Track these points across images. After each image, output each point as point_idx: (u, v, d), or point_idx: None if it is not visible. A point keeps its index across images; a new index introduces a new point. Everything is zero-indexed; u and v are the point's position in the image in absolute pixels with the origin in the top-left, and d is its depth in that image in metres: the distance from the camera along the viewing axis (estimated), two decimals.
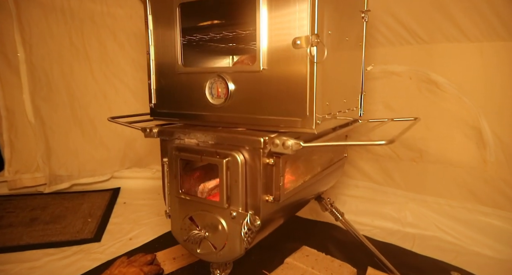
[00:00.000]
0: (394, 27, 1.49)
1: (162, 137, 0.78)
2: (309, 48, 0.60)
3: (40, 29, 1.87)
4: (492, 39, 1.34)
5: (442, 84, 1.48)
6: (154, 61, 0.81)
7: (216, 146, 0.69)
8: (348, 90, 0.84)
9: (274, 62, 0.65)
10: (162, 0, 0.76)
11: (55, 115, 1.93)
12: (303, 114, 0.63)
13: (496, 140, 1.39)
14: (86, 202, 1.83)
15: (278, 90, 0.65)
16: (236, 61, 0.80)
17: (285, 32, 0.63)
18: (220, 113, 0.73)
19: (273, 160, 0.65)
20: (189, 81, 0.76)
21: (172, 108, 0.81)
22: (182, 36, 0.78)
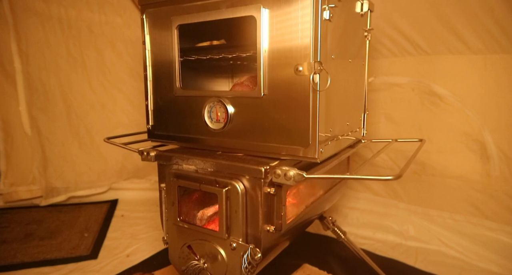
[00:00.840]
0: (396, 39, 1.47)
1: (160, 162, 0.75)
2: (312, 75, 0.57)
3: (37, 38, 1.84)
4: (496, 51, 1.32)
5: (445, 97, 1.46)
6: (152, 82, 0.79)
7: (216, 174, 0.66)
8: (351, 111, 0.82)
9: (275, 88, 0.63)
10: (160, 20, 0.74)
11: (52, 126, 1.90)
12: (305, 143, 0.61)
13: (500, 154, 1.36)
14: (83, 215, 1.80)
15: (280, 117, 0.63)
16: (236, 83, 0.78)
17: (287, 57, 0.60)
18: (219, 138, 0.71)
19: (275, 190, 0.63)
20: (188, 104, 0.74)
21: (170, 131, 0.78)
22: (180, 56, 0.75)
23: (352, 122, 0.82)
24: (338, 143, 0.72)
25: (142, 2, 0.78)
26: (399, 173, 0.54)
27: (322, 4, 0.58)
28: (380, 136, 1.67)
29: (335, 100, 0.67)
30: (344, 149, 0.80)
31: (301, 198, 0.77)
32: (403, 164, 1.64)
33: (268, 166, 0.61)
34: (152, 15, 0.76)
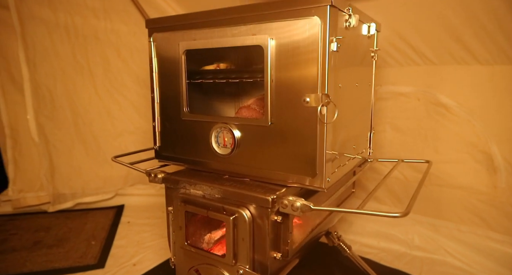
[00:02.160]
0: (402, 48, 1.46)
1: (167, 184, 0.76)
2: (319, 107, 0.57)
3: (44, 47, 1.86)
4: (503, 62, 1.31)
5: (451, 107, 1.45)
6: (159, 104, 0.79)
7: (223, 200, 0.67)
8: (358, 133, 0.82)
9: (283, 117, 0.63)
10: (167, 45, 0.74)
11: (59, 133, 1.92)
12: (312, 173, 0.61)
13: (507, 165, 1.35)
14: (90, 222, 1.82)
15: (287, 146, 0.63)
16: (243, 106, 0.78)
17: (295, 88, 0.60)
18: (226, 162, 0.71)
19: (281, 218, 0.63)
20: (195, 127, 0.74)
21: (177, 153, 0.79)
22: (187, 78, 0.76)
23: (359, 144, 0.82)
24: (345, 167, 0.72)
25: (149, 26, 0.79)
26: (406, 210, 0.54)
27: (330, 36, 0.58)
28: (386, 146, 1.67)
29: (342, 127, 0.68)
30: (351, 170, 0.80)
31: (308, 219, 0.78)
32: (409, 173, 1.64)
33: (275, 195, 0.62)
34: (159, 39, 0.77)
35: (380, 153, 1.69)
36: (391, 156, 1.63)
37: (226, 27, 0.66)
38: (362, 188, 1.74)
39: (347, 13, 0.63)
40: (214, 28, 0.68)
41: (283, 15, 0.60)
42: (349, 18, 0.63)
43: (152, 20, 0.79)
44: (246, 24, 0.64)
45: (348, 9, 0.62)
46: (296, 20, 0.59)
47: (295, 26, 0.59)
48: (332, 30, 0.58)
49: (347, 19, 0.63)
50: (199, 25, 0.70)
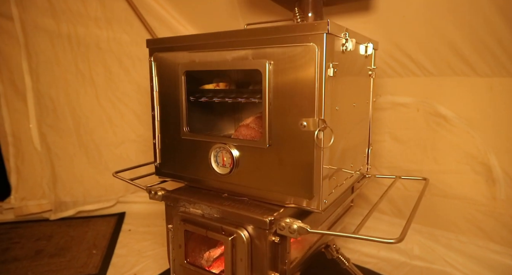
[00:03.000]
0: (401, 59, 1.47)
1: (167, 202, 0.77)
2: (316, 131, 0.58)
3: (46, 56, 1.88)
4: (502, 75, 1.32)
5: (450, 118, 1.46)
6: (159, 122, 0.81)
7: (222, 220, 0.68)
8: (355, 151, 0.83)
9: (280, 139, 0.64)
10: (167, 65, 0.75)
11: (61, 142, 1.94)
12: (309, 195, 0.62)
13: (506, 178, 1.36)
14: (91, 230, 1.83)
15: (284, 168, 0.64)
16: (242, 124, 0.79)
17: (293, 111, 0.62)
18: (225, 181, 0.73)
19: (279, 238, 0.64)
20: (194, 146, 0.76)
21: (177, 170, 0.80)
22: (187, 96, 0.77)
23: (356, 161, 0.83)
24: (342, 187, 0.73)
25: (150, 46, 0.80)
26: (400, 236, 0.55)
27: (326, 62, 0.59)
28: (386, 156, 1.68)
29: (339, 149, 0.69)
30: (349, 187, 0.81)
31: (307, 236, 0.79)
32: (408, 183, 1.65)
33: (273, 216, 0.63)
34: (160, 59, 0.78)
35: (379, 162, 1.70)
36: (391, 166, 1.64)
37: (226, 50, 0.68)
38: (360, 196, 1.75)
39: (344, 37, 0.64)
40: (213, 50, 0.70)
41: (281, 40, 0.62)
42: (345, 43, 0.64)
43: (153, 40, 0.81)
44: (245, 48, 0.65)
45: (345, 34, 0.64)
46: (293, 46, 0.60)
47: (293, 52, 0.61)
48: (328, 56, 0.59)
49: (344, 43, 0.64)
50: (198, 47, 0.72)
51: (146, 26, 1.94)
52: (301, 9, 1.01)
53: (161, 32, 1.96)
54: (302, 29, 0.59)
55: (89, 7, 1.90)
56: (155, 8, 1.92)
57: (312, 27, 0.58)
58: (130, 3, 1.87)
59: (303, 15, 0.96)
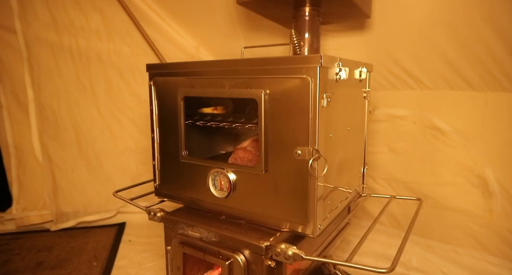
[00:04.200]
0: (398, 73, 1.49)
1: (166, 224, 0.79)
2: (310, 161, 0.60)
3: (48, 68, 1.91)
4: (496, 89, 1.34)
5: (446, 131, 1.48)
6: (159, 144, 0.83)
7: (219, 244, 0.70)
8: (350, 172, 0.85)
9: (276, 166, 0.66)
10: (167, 89, 0.78)
11: (62, 153, 1.96)
12: (304, 221, 0.64)
13: (502, 191, 1.37)
14: (92, 241, 1.85)
15: (280, 194, 0.66)
16: (239, 147, 0.81)
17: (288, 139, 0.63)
18: (223, 204, 0.74)
19: (275, 263, 0.66)
20: (193, 169, 0.77)
21: (176, 192, 0.82)
22: (185, 119, 0.79)
23: (352, 182, 0.85)
24: (337, 209, 0.75)
25: (150, 70, 0.82)
26: (391, 266, 0.56)
27: (320, 93, 0.61)
28: (383, 167, 1.69)
29: (334, 173, 0.70)
30: (344, 208, 0.83)
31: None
32: (405, 194, 1.66)
33: (269, 242, 0.64)
34: (159, 83, 0.80)
35: (377, 173, 1.72)
36: (388, 177, 1.65)
37: (223, 77, 0.70)
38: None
39: (337, 67, 0.66)
40: (211, 77, 0.72)
41: (276, 71, 0.64)
42: (339, 72, 0.66)
43: (153, 65, 0.83)
44: (242, 77, 0.67)
45: (338, 63, 0.66)
46: (288, 77, 0.62)
47: (288, 83, 0.63)
48: (322, 87, 0.61)
49: (338, 73, 0.66)
50: (197, 74, 0.74)
51: (146, 38, 1.97)
52: (298, 29, 1.03)
53: (161, 44, 1.99)
54: (296, 62, 0.61)
55: (90, 20, 1.93)
56: (156, 20, 1.95)
57: (306, 60, 0.60)
58: (131, 15, 1.90)
59: (300, 37, 0.99)
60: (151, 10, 1.93)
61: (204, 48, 2.00)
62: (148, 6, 1.93)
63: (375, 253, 1.68)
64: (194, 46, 1.98)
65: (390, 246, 1.66)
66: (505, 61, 1.23)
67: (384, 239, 1.70)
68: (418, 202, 0.91)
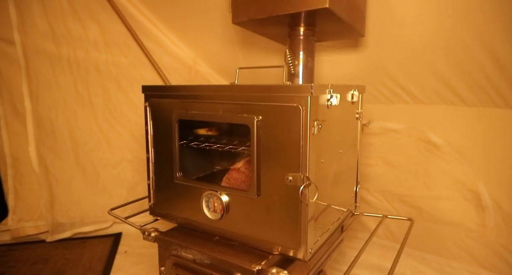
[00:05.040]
0: (392, 88, 1.51)
1: (160, 244, 0.80)
2: (301, 187, 0.61)
3: (46, 79, 1.92)
4: (489, 105, 1.36)
5: (440, 146, 1.50)
6: (153, 164, 0.84)
7: (212, 267, 0.70)
8: (343, 192, 0.86)
9: (268, 191, 0.67)
10: (161, 111, 0.79)
11: (59, 164, 1.96)
12: (295, 246, 0.65)
13: (495, 205, 1.39)
14: (87, 252, 1.84)
15: (272, 218, 0.67)
16: (233, 168, 0.82)
17: (280, 164, 0.65)
18: (216, 225, 0.75)
19: None
20: (187, 190, 0.78)
21: (170, 211, 0.83)
22: (180, 140, 0.80)
23: (344, 201, 0.86)
24: (329, 231, 0.76)
25: (145, 91, 0.84)
26: None
27: (311, 121, 0.62)
28: (378, 179, 1.71)
29: (325, 196, 0.72)
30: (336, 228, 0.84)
31: None
32: (400, 207, 1.67)
33: (261, 266, 0.65)
34: (154, 104, 0.81)
35: (372, 186, 1.73)
36: (383, 190, 1.67)
37: (217, 102, 0.71)
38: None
39: (329, 93, 0.67)
40: (206, 101, 0.73)
41: (269, 98, 0.65)
42: (330, 98, 0.68)
43: (148, 87, 0.85)
44: (235, 103, 0.69)
45: (330, 90, 0.67)
46: (280, 105, 0.64)
47: (280, 110, 0.64)
48: (313, 115, 0.63)
49: (329, 99, 0.68)
50: (192, 97, 0.75)
51: (143, 50, 1.98)
52: (293, 48, 1.05)
53: (158, 55, 2.01)
54: (288, 90, 0.63)
55: (88, 31, 1.95)
56: (153, 31, 1.97)
57: (298, 89, 0.62)
58: (128, 27, 1.92)
59: (294, 57, 1.01)
60: (149, 21, 1.95)
61: (201, 60, 2.02)
62: (146, 18, 1.95)
63: (370, 265, 1.68)
64: (191, 58, 2.00)
65: (385, 258, 1.66)
66: (497, 78, 1.26)
67: (379, 252, 1.71)
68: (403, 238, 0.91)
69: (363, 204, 1.78)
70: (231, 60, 1.88)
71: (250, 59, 1.79)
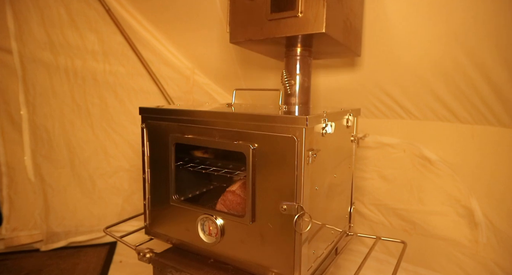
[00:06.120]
0: (388, 103, 1.53)
1: (155, 266, 0.80)
2: (295, 217, 0.62)
3: (44, 89, 1.92)
4: (482, 123, 1.38)
5: (434, 161, 1.51)
6: (149, 184, 0.84)
7: None
8: (337, 214, 0.87)
9: (263, 217, 0.68)
10: (158, 133, 0.80)
11: (55, 173, 1.96)
12: (289, 272, 0.66)
13: (487, 222, 1.40)
14: (82, 262, 1.83)
15: (266, 244, 0.68)
16: (229, 190, 0.83)
17: (274, 192, 0.66)
18: (211, 248, 0.76)
19: None
20: (183, 212, 0.79)
21: (166, 232, 0.83)
22: (176, 161, 0.81)
23: (338, 223, 0.87)
24: (323, 256, 0.77)
25: (143, 113, 0.84)
26: None
27: (306, 151, 0.63)
28: (373, 193, 1.72)
29: (320, 220, 0.72)
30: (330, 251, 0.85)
31: None
32: (394, 221, 1.68)
33: None
34: (151, 126, 0.82)
35: (368, 199, 1.75)
36: (378, 203, 1.68)
37: (213, 128, 0.72)
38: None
39: (324, 122, 0.69)
40: (202, 126, 0.74)
41: (264, 128, 0.66)
42: (325, 127, 0.69)
43: (146, 109, 0.85)
44: (231, 129, 0.70)
45: (325, 119, 0.68)
46: (275, 134, 0.65)
47: (275, 139, 0.65)
48: (308, 145, 0.64)
49: (324, 127, 0.69)
50: (189, 121, 0.76)
51: (141, 60, 1.99)
52: (289, 68, 1.07)
53: (156, 65, 2.02)
54: (283, 121, 0.64)
55: (86, 41, 1.95)
56: (151, 41, 1.98)
57: (293, 120, 0.63)
58: (126, 36, 1.93)
59: (290, 78, 1.02)
60: (147, 32, 1.96)
61: (199, 70, 2.03)
62: (144, 28, 1.96)
63: None
64: (189, 68, 2.01)
65: (379, 271, 1.67)
66: (489, 97, 1.28)
67: (373, 264, 1.72)
68: (397, 260, 0.92)
69: (358, 216, 1.79)
70: (229, 70, 1.90)
71: (247, 69, 1.81)
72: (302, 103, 1.02)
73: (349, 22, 1.00)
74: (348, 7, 0.96)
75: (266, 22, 0.89)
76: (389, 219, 1.70)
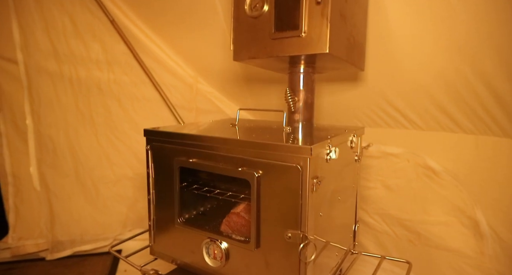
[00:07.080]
0: (391, 113, 1.53)
1: None
2: (300, 246, 0.62)
3: (48, 98, 1.94)
4: (486, 133, 1.37)
5: (439, 172, 1.50)
6: (154, 205, 0.85)
7: None
8: (342, 233, 0.87)
9: (267, 244, 0.68)
10: (163, 156, 0.80)
11: (60, 182, 1.97)
12: None
13: (493, 233, 1.40)
14: (87, 271, 1.85)
15: (271, 271, 0.68)
16: (233, 212, 0.83)
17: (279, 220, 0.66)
18: (216, 272, 0.76)
19: None
20: (187, 234, 0.79)
21: (170, 253, 0.84)
22: (180, 182, 0.81)
23: (342, 241, 0.87)
24: None
25: (147, 135, 0.85)
26: None
27: (310, 179, 0.63)
28: (378, 202, 1.72)
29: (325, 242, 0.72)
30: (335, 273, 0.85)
31: None
32: (399, 231, 1.68)
33: None
34: (156, 149, 0.83)
35: (372, 208, 1.74)
36: (382, 213, 1.68)
37: (218, 153, 0.72)
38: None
39: (328, 149, 0.69)
40: (207, 151, 0.74)
41: (269, 156, 0.66)
42: (329, 153, 0.69)
43: (151, 131, 0.86)
44: (236, 155, 0.70)
45: (329, 145, 0.69)
46: (280, 163, 0.65)
47: (279, 168, 0.65)
48: (312, 173, 0.64)
49: (328, 153, 0.69)
50: (193, 145, 0.76)
51: (144, 69, 2.00)
52: (293, 84, 1.07)
53: (159, 73, 2.03)
54: (287, 150, 0.64)
55: (91, 50, 1.97)
56: (154, 50, 1.99)
57: (297, 150, 0.63)
58: (129, 45, 1.93)
59: (293, 95, 1.02)
60: (150, 41, 1.97)
61: (203, 79, 2.04)
62: (148, 37, 1.97)
63: None
64: (192, 76, 2.02)
65: None
66: (493, 107, 1.27)
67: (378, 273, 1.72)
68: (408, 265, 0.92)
69: (363, 225, 1.79)
70: (232, 79, 1.90)
71: (251, 78, 1.81)
72: (305, 121, 1.02)
73: (353, 38, 1.00)
74: (351, 24, 0.96)
75: (269, 41, 0.89)
76: (394, 228, 1.70)
